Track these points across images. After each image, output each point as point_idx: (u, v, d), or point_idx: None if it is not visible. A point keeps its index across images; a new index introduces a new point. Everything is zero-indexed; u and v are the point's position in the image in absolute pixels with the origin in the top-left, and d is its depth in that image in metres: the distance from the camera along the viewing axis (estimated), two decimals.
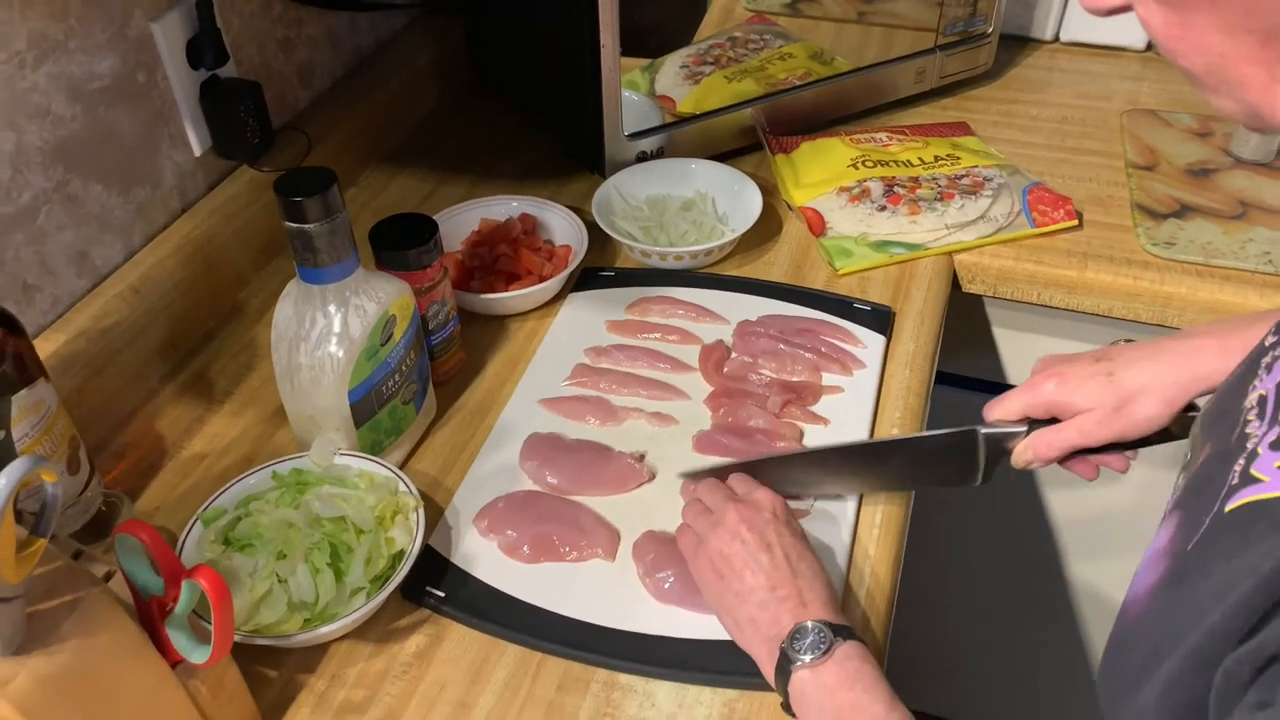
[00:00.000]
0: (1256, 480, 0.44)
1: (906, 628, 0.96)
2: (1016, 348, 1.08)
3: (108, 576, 0.56)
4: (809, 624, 0.58)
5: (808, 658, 0.57)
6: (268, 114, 0.96)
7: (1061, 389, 0.67)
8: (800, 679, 0.57)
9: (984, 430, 0.70)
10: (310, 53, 1.07)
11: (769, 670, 0.60)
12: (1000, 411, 0.70)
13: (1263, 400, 0.48)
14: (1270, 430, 0.46)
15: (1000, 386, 0.70)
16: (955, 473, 0.71)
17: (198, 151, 0.92)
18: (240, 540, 0.67)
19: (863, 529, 0.73)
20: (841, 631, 0.58)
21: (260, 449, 0.81)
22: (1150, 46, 1.30)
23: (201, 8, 0.88)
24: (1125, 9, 0.46)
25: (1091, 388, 0.66)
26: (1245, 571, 0.40)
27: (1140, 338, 0.72)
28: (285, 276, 0.98)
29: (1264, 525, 0.41)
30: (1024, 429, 0.69)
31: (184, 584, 0.51)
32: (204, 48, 0.89)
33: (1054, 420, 0.68)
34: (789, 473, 0.73)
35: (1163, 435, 0.67)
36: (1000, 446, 0.70)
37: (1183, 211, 1.01)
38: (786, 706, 0.59)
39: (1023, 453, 0.69)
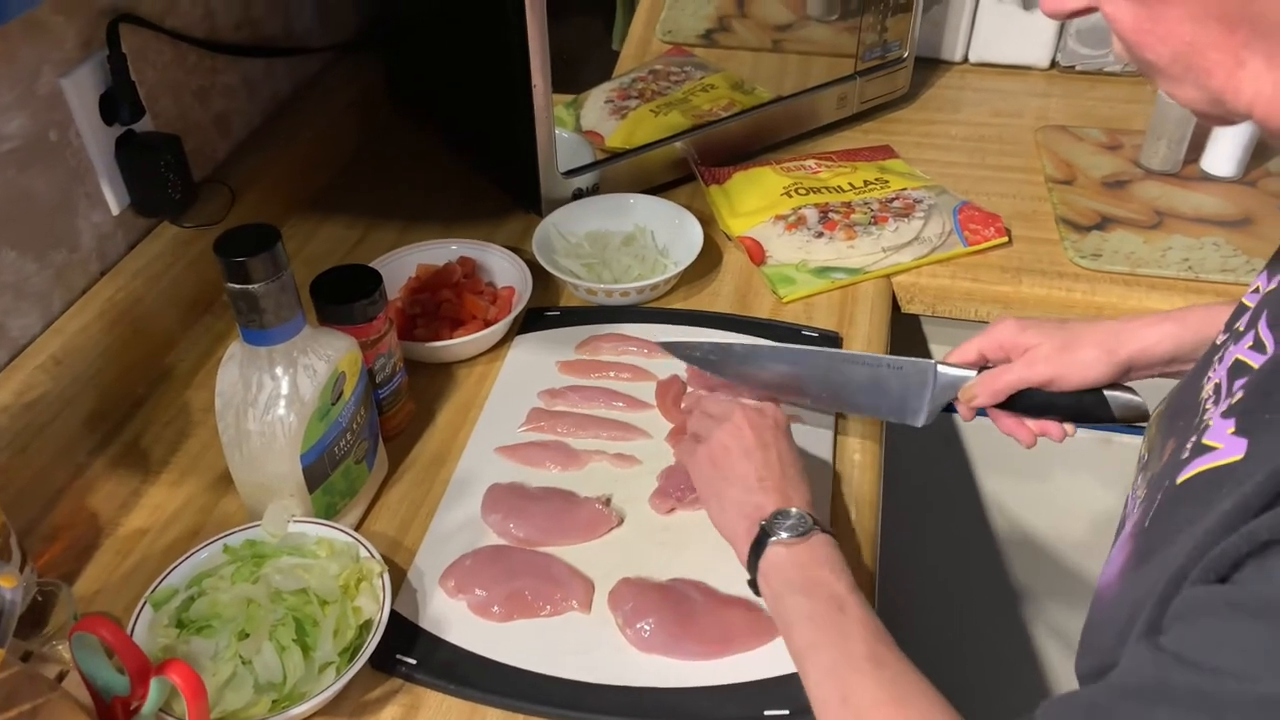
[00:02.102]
0: (1209, 449, 0.45)
1: None
2: None
3: (60, 677, 0.52)
4: (793, 510, 0.62)
5: (785, 535, 0.61)
6: (188, 167, 0.92)
7: (1016, 326, 0.74)
8: (774, 552, 0.61)
9: (940, 367, 0.76)
10: (227, 102, 1.04)
11: (744, 548, 0.63)
12: (958, 355, 0.76)
13: (1217, 388, 0.50)
14: (1222, 405, 0.47)
15: None
16: (904, 404, 0.77)
17: (116, 210, 0.88)
18: (196, 622, 0.64)
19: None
20: (820, 524, 0.62)
21: (206, 520, 0.77)
22: (1054, 65, 1.35)
23: (114, 61, 0.84)
24: (1089, 10, 0.47)
25: (1044, 327, 0.73)
26: (1209, 525, 0.41)
27: None
28: (215, 336, 0.95)
29: (1226, 488, 0.42)
30: (975, 373, 0.75)
31: (153, 682, 0.47)
32: (118, 102, 0.85)
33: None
34: (764, 362, 0.78)
35: (1101, 411, 0.72)
36: (950, 388, 0.75)
37: (1104, 223, 1.04)
38: (753, 584, 0.62)
39: (969, 389, 0.75)
